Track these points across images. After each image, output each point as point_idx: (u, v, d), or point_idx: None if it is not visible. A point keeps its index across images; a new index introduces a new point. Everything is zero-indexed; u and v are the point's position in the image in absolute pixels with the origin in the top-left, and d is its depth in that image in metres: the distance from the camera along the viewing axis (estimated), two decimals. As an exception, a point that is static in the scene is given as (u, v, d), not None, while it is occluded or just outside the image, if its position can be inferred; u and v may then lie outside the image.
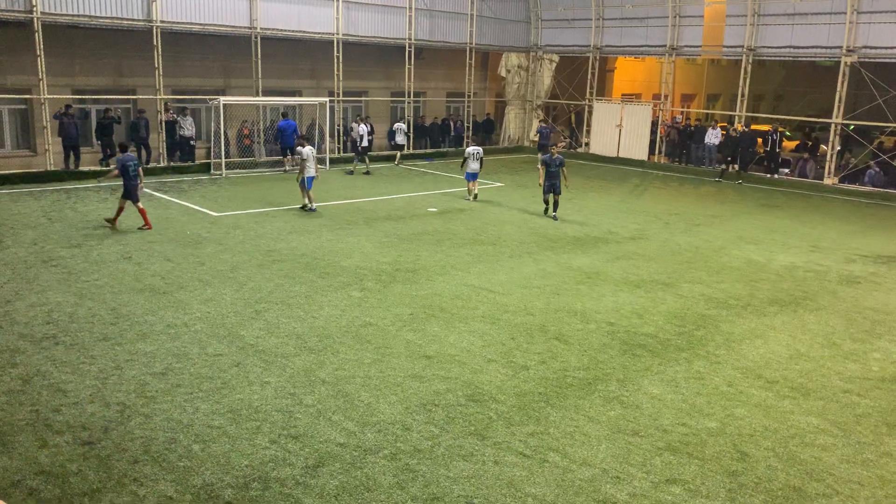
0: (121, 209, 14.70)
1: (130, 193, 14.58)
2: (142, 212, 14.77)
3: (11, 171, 19.72)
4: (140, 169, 14.83)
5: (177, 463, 6.25)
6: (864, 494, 6.28)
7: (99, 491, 5.82)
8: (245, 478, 6.08)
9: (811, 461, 6.77)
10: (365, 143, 24.12)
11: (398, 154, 26.61)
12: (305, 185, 17.13)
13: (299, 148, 17.48)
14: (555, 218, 17.34)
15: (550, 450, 6.74)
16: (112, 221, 14.67)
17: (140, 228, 14.59)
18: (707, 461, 6.68)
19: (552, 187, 17.31)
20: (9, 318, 9.50)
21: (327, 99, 24.96)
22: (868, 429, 7.47)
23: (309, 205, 17.21)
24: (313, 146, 18.67)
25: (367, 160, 24.10)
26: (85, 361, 8.25)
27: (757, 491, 6.25)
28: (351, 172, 23.94)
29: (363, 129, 24.17)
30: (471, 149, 19.82)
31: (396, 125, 26.41)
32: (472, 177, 19.74)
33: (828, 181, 24.11)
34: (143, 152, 22.02)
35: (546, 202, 17.65)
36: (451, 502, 5.88)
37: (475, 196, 19.77)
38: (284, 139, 22.88)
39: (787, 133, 28.61)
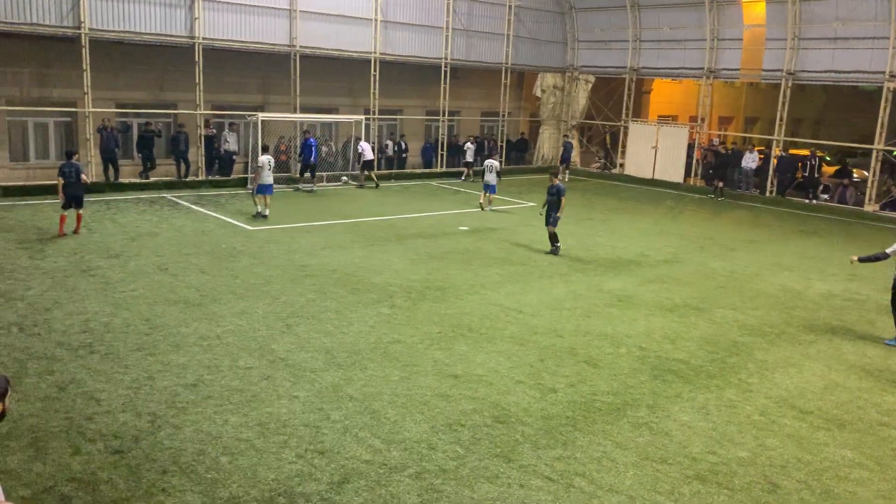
0: (63, 218, 15.11)
1: (67, 199, 14.98)
2: (78, 217, 15.20)
3: (55, 182, 20.20)
4: (83, 175, 15.27)
5: (204, 475, 6.32)
6: (900, 532, 6.11)
7: (128, 500, 5.90)
8: (271, 492, 6.12)
9: (845, 496, 6.60)
10: (368, 157, 24.55)
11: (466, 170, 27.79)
12: (255, 191, 18.00)
13: (259, 156, 18.20)
14: (554, 252, 15.51)
15: (577, 475, 6.67)
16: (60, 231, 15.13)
17: (74, 232, 15.10)
18: (736, 491, 6.55)
19: (547, 218, 15.67)
20: (47, 326, 9.72)
21: (363, 117, 25.26)
22: (906, 464, 7.27)
23: (262, 211, 17.91)
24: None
25: (363, 175, 24.75)
26: (119, 371, 8.40)
27: (788, 524, 6.12)
28: (361, 186, 24.68)
29: (364, 145, 24.68)
30: (487, 162, 21.21)
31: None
32: (489, 188, 20.94)
33: (868, 208, 23.64)
34: (182, 166, 22.53)
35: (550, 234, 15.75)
36: (474, 524, 5.85)
37: (488, 205, 21.03)
38: (308, 156, 23.16)
39: (827, 158, 28.14)
